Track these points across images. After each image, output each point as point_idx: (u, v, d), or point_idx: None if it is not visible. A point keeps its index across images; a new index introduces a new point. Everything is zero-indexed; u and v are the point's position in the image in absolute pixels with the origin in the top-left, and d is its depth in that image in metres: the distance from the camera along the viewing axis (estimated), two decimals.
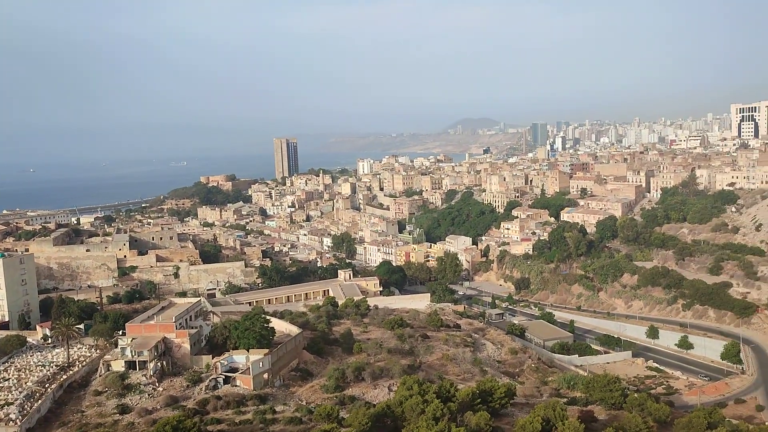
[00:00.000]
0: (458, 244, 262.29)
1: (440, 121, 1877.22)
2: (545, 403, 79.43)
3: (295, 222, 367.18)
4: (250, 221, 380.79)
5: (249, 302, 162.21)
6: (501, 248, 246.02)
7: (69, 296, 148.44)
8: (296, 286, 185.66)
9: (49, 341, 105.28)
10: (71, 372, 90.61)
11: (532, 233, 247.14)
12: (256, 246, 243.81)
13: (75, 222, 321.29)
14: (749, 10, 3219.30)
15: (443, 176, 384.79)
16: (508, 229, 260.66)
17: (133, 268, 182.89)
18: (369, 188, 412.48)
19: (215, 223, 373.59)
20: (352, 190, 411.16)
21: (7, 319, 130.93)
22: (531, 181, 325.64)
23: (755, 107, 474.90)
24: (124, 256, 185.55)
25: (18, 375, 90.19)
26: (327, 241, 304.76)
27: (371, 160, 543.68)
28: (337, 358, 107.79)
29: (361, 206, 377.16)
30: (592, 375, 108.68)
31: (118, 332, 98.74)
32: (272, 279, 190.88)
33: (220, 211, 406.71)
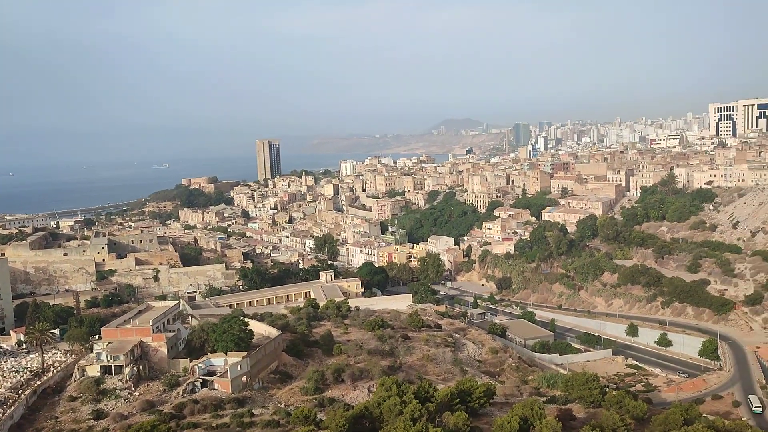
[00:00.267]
0: (440, 245, 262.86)
1: (423, 121, 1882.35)
2: (523, 402, 79.52)
3: (277, 224, 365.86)
4: (232, 223, 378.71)
5: (229, 305, 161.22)
6: (483, 248, 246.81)
7: (44, 301, 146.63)
8: (277, 288, 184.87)
9: (24, 347, 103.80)
10: (45, 378, 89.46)
11: (513, 233, 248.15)
12: (237, 248, 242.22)
13: (54, 226, 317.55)
14: (730, 12, 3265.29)
15: (426, 177, 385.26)
16: (489, 229, 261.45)
17: (111, 272, 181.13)
18: (352, 189, 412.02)
19: (197, 226, 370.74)
20: (335, 192, 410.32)
21: None
22: (512, 181, 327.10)
23: (732, 107, 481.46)
24: (103, 260, 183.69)
25: None
26: (309, 243, 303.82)
27: (354, 162, 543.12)
28: (317, 359, 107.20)
29: (344, 207, 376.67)
30: (572, 373, 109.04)
31: (94, 337, 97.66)
32: (253, 281, 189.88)
33: (202, 214, 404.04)
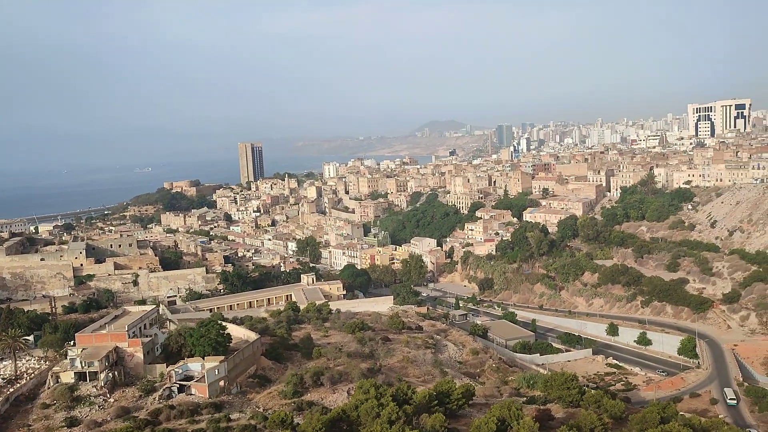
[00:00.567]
0: (423, 246, 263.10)
1: (408, 123, 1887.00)
2: (501, 403, 79.61)
3: (260, 227, 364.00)
4: (215, 227, 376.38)
5: (210, 309, 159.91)
6: (465, 249, 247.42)
7: (19, 307, 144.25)
8: (258, 292, 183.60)
9: None
10: (18, 385, 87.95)
11: (495, 234, 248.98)
12: (218, 252, 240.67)
13: (33, 231, 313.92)
14: (712, 14, 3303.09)
15: (408, 178, 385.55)
16: (471, 230, 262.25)
17: (90, 277, 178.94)
18: (335, 192, 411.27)
19: (179, 230, 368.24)
20: (318, 194, 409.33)
21: None
22: (494, 182, 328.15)
23: (711, 107, 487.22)
24: (81, 265, 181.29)
25: None
26: (292, 246, 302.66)
27: (337, 164, 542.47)
28: (297, 363, 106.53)
29: (327, 210, 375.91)
30: (551, 374, 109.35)
31: (69, 343, 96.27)
32: (234, 285, 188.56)
33: (184, 217, 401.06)
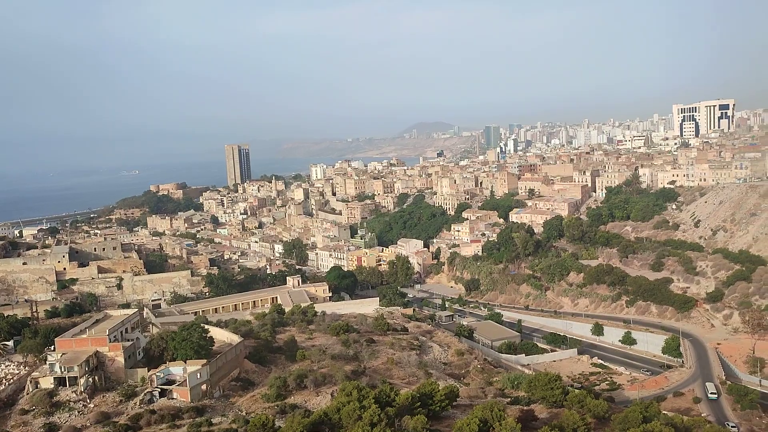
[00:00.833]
0: (410, 248, 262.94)
1: (396, 125, 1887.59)
2: (483, 404, 79.51)
3: (247, 229, 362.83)
4: (201, 229, 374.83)
5: (195, 312, 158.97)
6: (451, 250, 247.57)
7: None
8: (244, 294, 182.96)
9: None
10: None
11: (481, 234, 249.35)
12: (203, 254, 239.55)
13: (17, 234, 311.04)
14: (698, 15, 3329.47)
15: (395, 180, 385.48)
16: (458, 231, 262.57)
17: (73, 281, 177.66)
18: (322, 193, 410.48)
19: (165, 233, 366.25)
20: (305, 196, 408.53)
21: None
22: (481, 183, 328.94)
23: (695, 107, 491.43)
24: (64, 269, 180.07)
25: None
26: (278, 248, 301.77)
27: (324, 166, 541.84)
28: (280, 366, 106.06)
29: (314, 212, 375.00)
30: (535, 374, 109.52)
31: (49, 348, 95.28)
32: (219, 288, 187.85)
33: (171, 220, 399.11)
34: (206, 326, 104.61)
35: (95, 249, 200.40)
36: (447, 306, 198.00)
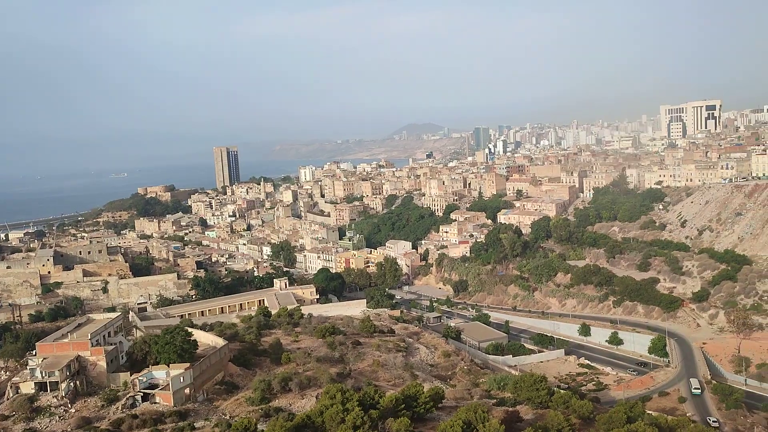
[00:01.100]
0: (398, 249, 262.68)
1: (386, 126, 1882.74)
2: (467, 406, 79.32)
3: (235, 231, 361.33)
4: (189, 232, 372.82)
5: (181, 315, 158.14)
6: (440, 251, 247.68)
7: None
8: (231, 297, 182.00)
9: None
10: None
11: (469, 236, 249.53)
12: (190, 257, 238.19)
13: (3, 238, 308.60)
14: (685, 15, 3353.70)
15: (384, 181, 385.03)
16: (446, 232, 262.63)
17: (58, 285, 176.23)
18: (310, 195, 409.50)
19: (153, 235, 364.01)
20: (294, 198, 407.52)
21: None
22: (469, 184, 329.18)
23: (682, 108, 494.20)
24: (48, 272, 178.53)
25: None
26: (266, 250, 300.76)
27: (313, 167, 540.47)
28: (265, 369, 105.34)
29: (302, 214, 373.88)
30: (520, 375, 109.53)
31: (31, 352, 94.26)
32: (206, 290, 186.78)
33: (159, 223, 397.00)
34: (190, 329, 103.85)
35: (80, 252, 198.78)
36: (435, 307, 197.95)
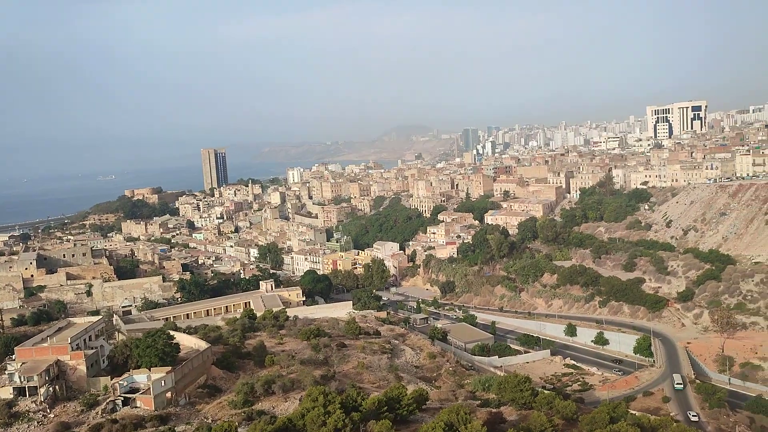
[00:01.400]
0: (385, 251, 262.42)
1: (375, 128, 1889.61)
2: (449, 407, 79.08)
3: (222, 234, 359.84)
4: (177, 234, 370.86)
5: (166, 318, 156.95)
6: (427, 253, 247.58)
7: None
8: (216, 300, 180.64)
9: None
10: None
11: (457, 237, 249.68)
12: (175, 259, 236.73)
13: None
14: (675, 16, 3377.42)
15: (372, 183, 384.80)
16: (434, 233, 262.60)
17: (41, 288, 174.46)
18: (298, 197, 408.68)
19: (140, 238, 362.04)
20: (282, 200, 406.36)
21: None
22: (457, 185, 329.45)
23: (668, 109, 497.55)
24: (31, 276, 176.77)
25: None
26: (254, 252, 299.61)
27: (301, 169, 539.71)
28: (249, 372, 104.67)
29: (290, 215, 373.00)
30: (505, 376, 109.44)
31: (10, 357, 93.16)
32: (192, 293, 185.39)
33: (146, 225, 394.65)
34: (173, 332, 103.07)
35: (64, 255, 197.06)
36: (422, 308, 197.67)
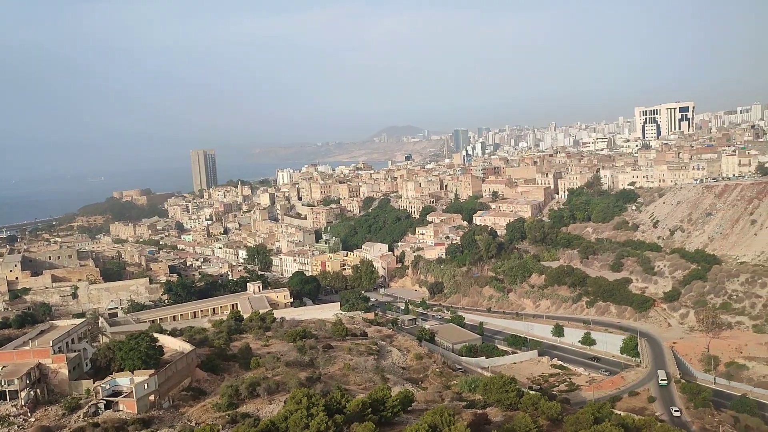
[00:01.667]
0: (374, 252, 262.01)
1: (365, 129, 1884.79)
2: (433, 409, 78.91)
3: (211, 235, 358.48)
4: (165, 236, 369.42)
5: (152, 320, 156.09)
6: (416, 253, 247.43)
7: None
8: (203, 302, 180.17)
9: None
10: None
11: (445, 237, 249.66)
12: (163, 261, 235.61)
13: None
14: (666, 17, 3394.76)
15: (361, 184, 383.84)
16: (422, 234, 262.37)
17: (26, 290, 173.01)
18: (287, 198, 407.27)
19: (128, 239, 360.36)
20: (271, 201, 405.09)
21: None
22: (446, 186, 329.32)
23: (656, 110, 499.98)
24: (16, 278, 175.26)
25: None
26: (243, 254, 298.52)
27: (291, 170, 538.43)
28: (234, 374, 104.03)
29: (279, 217, 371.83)
30: (490, 377, 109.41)
31: None
32: (179, 295, 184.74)
33: (134, 227, 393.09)
34: (157, 335, 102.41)
35: (50, 257, 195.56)
36: (410, 309, 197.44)
